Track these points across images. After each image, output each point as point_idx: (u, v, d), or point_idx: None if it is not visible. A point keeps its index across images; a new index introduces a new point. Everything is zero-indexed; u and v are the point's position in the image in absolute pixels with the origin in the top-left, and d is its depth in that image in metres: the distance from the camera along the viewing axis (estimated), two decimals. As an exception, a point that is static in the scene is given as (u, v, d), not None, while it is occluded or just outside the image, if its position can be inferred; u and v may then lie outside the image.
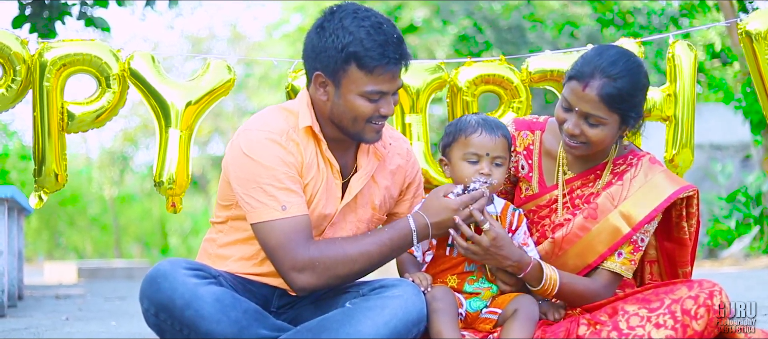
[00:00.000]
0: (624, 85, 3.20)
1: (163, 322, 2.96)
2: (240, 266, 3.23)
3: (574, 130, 3.26)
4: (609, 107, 3.21)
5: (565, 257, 3.35)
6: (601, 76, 3.20)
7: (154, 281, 2.98)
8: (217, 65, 3.96)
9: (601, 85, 3.19)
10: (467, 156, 3.25)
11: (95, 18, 8.88)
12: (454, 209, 3.14)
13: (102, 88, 3.88)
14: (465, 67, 4.09)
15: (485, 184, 3.20)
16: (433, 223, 3.15)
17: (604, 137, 3.26)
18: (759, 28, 4.01)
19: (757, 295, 6.08)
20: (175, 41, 30.96)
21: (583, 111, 3.23)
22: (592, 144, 3.27)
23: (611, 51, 3.28)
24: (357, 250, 3.09)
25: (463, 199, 3.15)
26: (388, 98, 3.13)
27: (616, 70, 3.21)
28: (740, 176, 13.08)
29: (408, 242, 3.15)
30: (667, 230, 3.47)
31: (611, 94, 3.19)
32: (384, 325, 2.96)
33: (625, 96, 3.21)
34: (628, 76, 3.22)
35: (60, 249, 28.52)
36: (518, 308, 3.17)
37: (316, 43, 3.11)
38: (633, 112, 3.26)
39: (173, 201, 3.90)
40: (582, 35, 18.70)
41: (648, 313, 3.05)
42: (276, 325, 3.06)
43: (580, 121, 3.25)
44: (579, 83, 3.23)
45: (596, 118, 3.22)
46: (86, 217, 27.38)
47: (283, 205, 3.04)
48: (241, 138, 3.13)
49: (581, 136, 3.26)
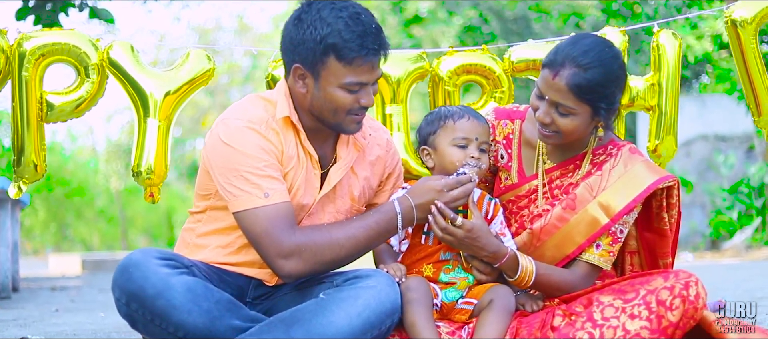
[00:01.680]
0: (594, 75, 3.17)
1: (135, 311, 2.94)
2: (216, 254, 3.21)
3: (544, 118, 3.24)
4: (578, 97, 3.18)
5: (544, 248, 3.33)
6: (572, 65, 3.17)
7: (125, 270, 2.95)
8: (197, 55, 3.93)
9: (570, 74, 3.17)
10: (456, 140, 3.24)
11: (99, 10, 8.87)
12: (438, 191, 3.13)
13: (81, 77, 3.85)
14: (447, 56, 4.05)
15: (475, 168, 3.19)
16: (417, 205, 3.14)
17: (575, 127, 3.23)
18: (745, 15, 3.97)
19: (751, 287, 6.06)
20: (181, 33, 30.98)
21: (552, 99, 3.21)
22: (563, 133, 3.25)
23: (586, 40, 3.26)
24: (343, 235, 3.09)
25: (448, 181, 3.14)
26: (368, 89, 3.12)
27: (588, 59, 3.18)
28: (743, 167, 13.04)
29: (394, 226, 3.14)
30: (647, 221, 3.45)
31: (580, 85, 3.16)
32: (357, 316, 2.94)
33: (594, 86, 3.17)
34: (600, 67, 3.18)
35: (67, 241, 28.59)
36: (494, 299, 3.15)
37: (294, 35, 3.09)
38: (603, 103, 3.22)
39: (151, 191, 3.88)
40: (587, 26, 18.63)
41: (623, 304, 3.03)
42: (249, 315, 3.04)
43: (550, 110, 3.23)
44: (550, 71, 3.21)
45: (565, 108, 3.20)
46: (93, 210, 27.47)
47: (266, 193, 3.03)
48: (220, 128, 3.12)
49: (552, 125, 3.24)
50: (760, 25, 4.00)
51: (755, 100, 4.04)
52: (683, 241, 14.05)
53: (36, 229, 27.86)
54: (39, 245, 27.96)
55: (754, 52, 3.98)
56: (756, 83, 4.02)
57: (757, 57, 3.98)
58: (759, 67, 4.00)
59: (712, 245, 12.22)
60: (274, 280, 3.24)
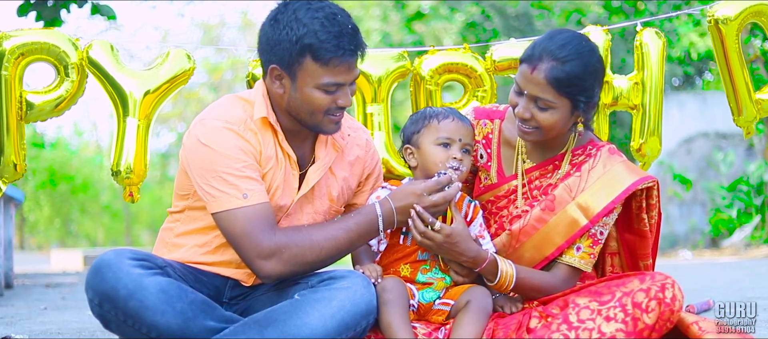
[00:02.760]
0: (572, 68, 3.16)
1: (107, 312, 2.93)
2: (192, 254, 3.21)
3: (524, 113, 3.22)
4: (557, 90, 3.17)
5: (523, 249, 3.31)
6: (550, 59, 3.17)
7: (98, 271, 2.94)
8: (177, 54, 3.92)
9: (548, 68, 3.16)
10: (440, 140, 3.24)
11: (101, 6, 8.85)
12: (418, 195, 3.12)
13: (61, 77, 3.84)
14: (429, 55, 4.04)
15: (457, 170, 3.18)
16: (397, 208, 3.13)
17: (555, 122, 3.22)
18: (728, 14, 3.96)
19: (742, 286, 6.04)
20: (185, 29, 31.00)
21: (531, 94, 3.20)
22: (543, 129, 3.23)
23: (563, 34, 3.25)
24: (324, 236, 3.07)
25: (428, 184, 3.13)
26: (345, 89, 3.10)
27: (565, 53, 3.17)
28: (743, 165, 13.00)
29: (374, 228, 3.13)
30: (627, 222, 3.43)
31: (558, 78, 3.16)
32: (331, 317, 2.92)
33: (573, 79, 3.17)
34: (578, 60, 3.18)
35: (72, 236, 28.68)
36: (471, 300, 3.13)
37: (270, 35, 3.07)
38: (583, 96, 3.22)
39: (131, 190, 3.87)
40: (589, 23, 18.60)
41: (599, 306, 3.01)
42: (224, 316, 3.02)
43: (530, 105, 3.21)
44: (528, 66, 3.20)
45: (545, 102, 3.19)
46: (98, 205, 27.55)
47: (244, 194, 3.02)
48: (198, 128, 3.10)
49: (532, 121, 3.23)
50: (743, 24, 3.99)
51: (736, 98, 4.03)
52: (683, 239, 14.02)
53: (40, 224, 27.96)
54: (43, 240, 28.05)
55: (736, 50, 3.97)
56: (737, 82, 4.01)
57: (739, 56, 3.97)
58: (740, 66, 3.99)
59: (711, 243, 12.19)
60: (251, 280, 3.23)
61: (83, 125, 28.58)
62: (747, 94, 3.99)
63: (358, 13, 23.36)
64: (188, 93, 26.05)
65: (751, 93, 4.03)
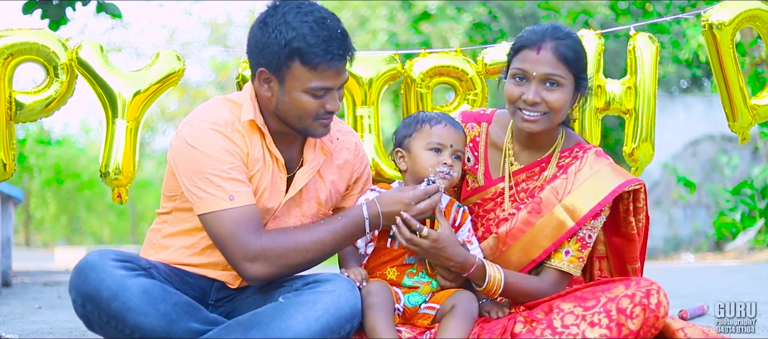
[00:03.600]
0: (574, 44, 3.26)
1: (90, 313, 2.92)
2: (179, 255, 3.21)
3: (534, 97, 3.23)
4: (566, 65, 3.23)
5: (509, 252, 3.30)
6: (551, 38, 3.23)
7: (81, 272, 2.94)
8: (167, 55, 3.91)
9: (555, 45, 3.22)
10: (431, 145, 3.23)
11: (106, 4, 8.84)
12: (406, 203, 3.11)
13: (50, 77, 3.84)
14: (420, 58, 4.02)
15: (447, 175, 3.19)
16: (383, 213, 3.13)
17: (564, 103, 3.25)
18: (722, 19, 3.93)
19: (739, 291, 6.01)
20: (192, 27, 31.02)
21: (542, 74, 3.23)
22: (552, 111, 3.25)
23: (546, 23, 3.34)
24: (310, 238, 3.07)
25: (416, 193, 3.12)
26: (334, 94, 3.09)
27: (562, 33, 3.26)
28: (747, 169, 12.96)
29: (361, 230, 3.14)
30: (615, 225, 3.43)
31: (566, 54, 3.22)
32: (315, 321, 2.92)
33: (578, 54, 3.26)
34: (573, 38, 3.28)
35: (78, 234, 28.73)
36: (456, 304, 3.13)
37: (259, 38, 3.07)
38: (584, 73, 3.30)
39: (119, 192, 3.87)
40: (596, 24, 18.55)
41: (583, 312, 3.00)
42: (209, 318, 3.02)
43: (539, 88, 3.24)
44: (531, 49, 3.24)
45: (556, 78, 3.23)
46: (104, 203, 27.57)
47: (231, 195, 3.01)
48: (186, 129, 3.10)
49: (542, 105, 3.24)
50: (738, 28, 3.97)
51: (731, 104, 4.00)
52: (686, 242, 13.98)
53: (47, 221, 28.02)
54: (49, 238, 28.11)
55: (731, 55, 3.94)
56: (732, 87, 3.99)
57: (734, 61, 3.94)
58: (734, 71, 3.96)
59: (715, 247, 12.14)
60: (237, 282, 3.22)
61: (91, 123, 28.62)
62: (742, 100, 3.97)
63: (364, 13, 23.36)
64: (195, 91, 26.08)
65: (747, 98, 4.00)
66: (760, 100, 4.08)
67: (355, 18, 23.80)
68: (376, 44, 21.59)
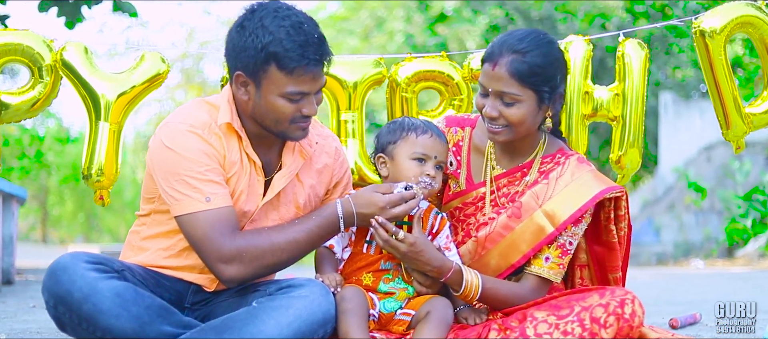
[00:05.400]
0: (533, 58, 3.18)
1: (62, 314, 2.93)
2: (156, 257, 3.21)
3: (492, 111, 3.22)
4: (520, 82, 3.17)
5: (489, 256, 3.29)
6: (510, 52, 3.18)
7: (53, 274, 2.94)
8: (152, 57, 3.90)
9: (509, 61, 3.17)
10: (416, 155, 3.22)
11: (122, 3, 8.85)
12: (381, 207, 3.10)
13: (35, 78, 3.84)
14: (405, 62, 3.99)
15: (429, 186, 3.17)
16: (358, 213, 3.12)
17: (523, 116, 3.21)
18: (714, 25, 3.87)
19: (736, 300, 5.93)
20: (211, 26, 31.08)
21: (496, 91, 3.20)
22: (512, 126, 3.22)
23: (520, 30, 3.29)
24: (284, 238, 3.07)
25: (392, 198, 3.10)
26: (311, 98, 3.08)
27: (524, 45, 3.19)
28: (759, 175, 12.87)
29: (335, 228, 3.13)
30: (596, 233, 3.41)
31: (520, 69, 3.16)
32: (287, 326, 2.91)
33: (535, 70, 3.18)
34: (537, 50, 3.19)
35: (95, 231, 28.85)
36: (431, 310, 3.11)
37: (236, 41, 3.06)
38: (546, 86, 3.22)
39: (101, 194, 3.87)
40: (612, 27, 18.48)
41: (557, 321, 2.98)
42: (182, 321, 3.01)
43: (496, 103, 3.21)
44: (489, 64, 3.21)
45: (510, 96, 3.19)
46: (121, 200, 27.66)
47: (207, 197, 3.01)
48: (163, 131, 3.10)
49: (500, 119, 3.22)
50: (730, 36, 3.91)
51: (724, 112, 3.95)
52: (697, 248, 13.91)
53: (64, 219, 28.15)
54: (66, 235, 28.24)
55: (723, 63, 3.88)
56: (724, 95, 3.93)
57: (726, 68, 3.89)
58: (727, 79, 3.91)
59: (727, 253, 12.06)
60: (213, 285, 3.22)
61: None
62: (735, 108, 3.92)
63: (381, 15, 23.37)
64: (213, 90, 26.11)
65: (740, 107, 3.94)
66: (755, 108, 4.03)
67: (373, 19, 23.84)
68: (392, 45, 21.61)
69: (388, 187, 3.15)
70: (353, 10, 24.66)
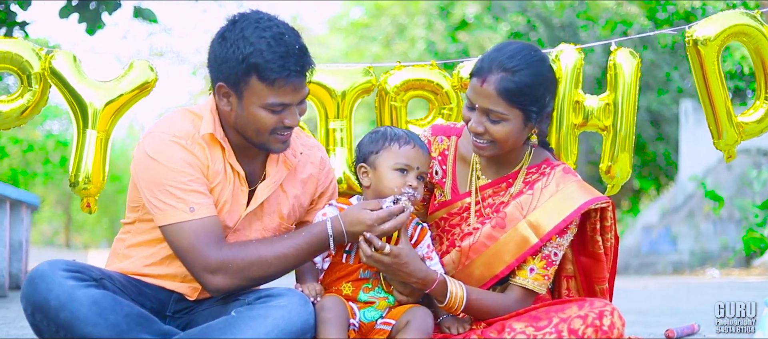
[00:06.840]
0: (522, 78, 3.13)
1: (40, 322, 2.92)
2: (139, 265, 3.20)
3: (477, 127, 3.18)
4: (508, 102, 3.13)
5: (473, 267, 3.27)
6: (499, 70, 3.13)
7: (31, 282, 2.94)
8: (140, 65, 3.91)
9: (498, 79, 3.13)
10: (398, 165, 3.19)
11: (142, 9, 8.90)
12: (369, 225, 3.08)
13: (24, 86, 3.85)
14: (395, 70, 3.98)
15: (412, 197, 3.14)
16: (348, 232, 3.10)
17: (508, 134, 3.18)
18: (708, 34, 3.83)
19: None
20: (235, 33, 30.94)
21: (483, 107, 3.16)
22: (497, 142, 3.19)
23: (512, 45, 3.22)
24: (272, 252, 3.06)
25: (381, 214, 3.08)
26: (293, 109, 3.07)
27: (514, 63, 3.14)
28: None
29: (325, 246, 3.11)
30: (582, 244, 3.38)
31: (508, 89, 3.12)
32: (265, 335, 2.90)
33: (523, 89, 3.13)
34: (527, 69, 3.14)
35: (119, 236, 29.02)
36: (411, 320, 3.09)
37: (218, 52, 3.06)
38: (534, 106, 3.17)
39: (88, 202, 3.88)
40: (634, 34, 18.39)
41: (535, 332, 2.97)
42: (161, 329, 3.00)
43: (482, 119, 3.18)
44: (478, 79, 3.17)
45: (496, 114, 3.15)
46: (144, 206, 27.82)
47: (191, 207, 3.01)
48: (147, 141, 3.10)
49: (486, 135, 3.19)
50: (723, 45, 3.87)
51: (715, 121, 3.91)
52: (714, 257, 13.78)
53: (88, 224, 28.33)
54: (89, 240, 28.42)
55: (716, 72, 3.84)
56: (717, 104, 3.89)
57: (719, 77, 3.85)
58: (720, 88, 3.87)
59: (744, 262, 11.95)
60: (195, 294, 3.21)
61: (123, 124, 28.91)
62: (727, 117, 3.87)
63: (403, 22, 23.38)
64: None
65: (732, 116, 3.91)
66: (746, 117, 3.99)
67: (394, 26, 23.86)
68: (414, 52, 21.62)
69: (377, 204, 3.13)
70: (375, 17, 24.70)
